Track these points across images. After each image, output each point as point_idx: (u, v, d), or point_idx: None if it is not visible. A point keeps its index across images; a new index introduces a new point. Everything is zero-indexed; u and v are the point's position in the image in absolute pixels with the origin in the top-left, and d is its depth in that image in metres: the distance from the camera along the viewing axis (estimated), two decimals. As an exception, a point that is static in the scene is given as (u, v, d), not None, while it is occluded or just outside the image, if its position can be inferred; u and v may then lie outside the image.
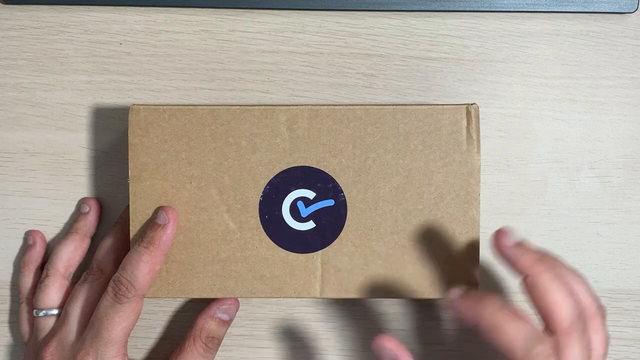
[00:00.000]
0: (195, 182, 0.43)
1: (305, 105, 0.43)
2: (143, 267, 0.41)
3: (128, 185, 0.43)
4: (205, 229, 0.43)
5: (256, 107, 0.43)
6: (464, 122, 0.43)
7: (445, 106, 0.43)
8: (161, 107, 0.43)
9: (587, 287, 0.37)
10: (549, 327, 0.35)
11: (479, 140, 0.43)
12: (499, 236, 0.37)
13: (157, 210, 0.43)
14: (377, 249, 0.43)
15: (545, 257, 0.37)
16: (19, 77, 0.48)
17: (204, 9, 0.48)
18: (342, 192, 0.43)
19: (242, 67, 0.48)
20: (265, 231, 0.43)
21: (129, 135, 0.43)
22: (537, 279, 0.35)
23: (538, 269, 0.35)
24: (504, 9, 0.48)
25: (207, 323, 0.44)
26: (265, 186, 0.43)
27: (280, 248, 0.43)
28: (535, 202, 0.48)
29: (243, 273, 0.43)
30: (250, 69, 0.48)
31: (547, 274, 0.35)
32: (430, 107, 0.43)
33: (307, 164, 0.43)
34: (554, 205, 0.48)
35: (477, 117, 0.42)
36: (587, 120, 0.49)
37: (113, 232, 0.46)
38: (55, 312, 0.45)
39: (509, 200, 0.48)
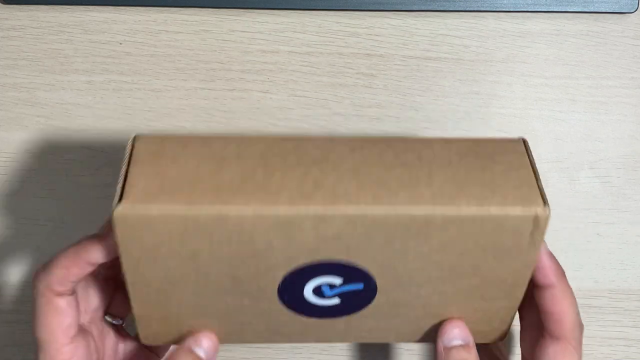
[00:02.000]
0: (203, 278, 0.35)
1: (337, 206, 0.32)
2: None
3: None
4: (213, 304, 0.36)
5: (273, 215, 0.32)
6: (529, 230, 0.33)
7: (509, 215, 0.33)
8: (150, 210, 0.32)
9: None
10: (555, 333, 0.37)
11: (542, 242, 0.34)
12: None
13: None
14: (406, 318, 0.38)
15: (561, 270, 0.38)
16: (19, 77, 0.48)
17: (204, 9, 0.48)
18: (374, 279, 0.35)
19: (242, 67, 0.48)
20: (284, 305, 0.36)
21: (119, 246, 0.33)
22: (562, 286, 0.37)
23: (564, 279, 0.38)
24: (504, 9, 0.47)
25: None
26: (285, 276, 0.35)
27: (299, 315, 0.37)
28: (535, 202, 0.48)
29: (259, 331, 0.38)
30: (250, 69, 0.48)
31: (569, 285, 0.38)
32: (490, 215, 0.33)
33: (334, 258, 0.34)
34: (554, 205, 0.48)
35: (546, 223, 0.33)
36: (587, 120, 0.49)
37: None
38: None
39: (509, 200, 0.48)
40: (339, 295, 0.36)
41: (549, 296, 0.37)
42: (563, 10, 0.48)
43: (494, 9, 0.47)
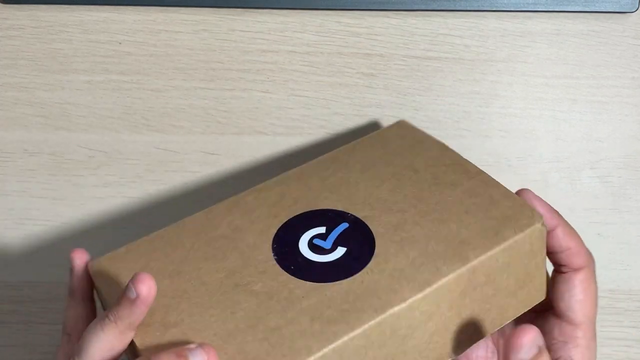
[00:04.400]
0: (196, 280, 0.36)
1: (264, 183, 0.41)
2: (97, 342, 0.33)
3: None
4: (236, 316, 0.34)
5: (218, 205, 0.40)
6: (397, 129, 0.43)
7: (380, 131, 0.44)
8: (120, 249, 0.38)
9: None
10: (575, 265, 0.39)
11: (425, 134, 0.43)
12: (524, 193, 0.40)
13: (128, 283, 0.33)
14: (422, 234, 0.37)
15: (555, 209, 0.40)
16: (18, 77, 0.48)
17: (204, 9, 0.48)
18: (349, 213, 0.39)
19: (242, 67, 0.48)
20: (300, 278, 0.36)
21: (96, 287, 0.37)
22: (564, 222, 0.39)
23: (561, 217, 0.40)
24: (504, 9, 0.47)
25: None
26: (273, 246, 0.38)
27: (327, 283, 0.35)
28: (535, 202, 0.48)
29: (306, 327, 0.33)
30: (250, 69, 0.48)
31: (566, 220, 0.40)
32: (368, 136, 0.44)
33: (300, 212, 0.40)
34: (555, 205, 0.48)
35: (409, 125, 0.43)
36: (588, 120, 0.48)
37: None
38: None
39: (509, 200, 0.48)
40: (337, 242, 0.38)
41: (560, 235, 0.39)
42: (564, 10, 0.47)
43: (494, 9, 0.47)
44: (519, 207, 0.38)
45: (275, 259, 0.37)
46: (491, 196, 0.39)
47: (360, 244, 0.37)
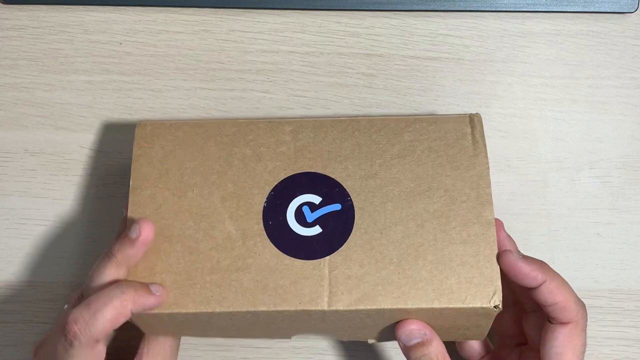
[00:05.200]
0: (198, 189, 0.42)
1: (310, 118, 0.43)
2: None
3: (127, 185, 0.43)
4: (205, 237, 0.41)
5: (262, 120, 0.43)
6: (469, 129, 0.42)
7: (448, 115, 0.43)
8: (168, 121, 0.43)
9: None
10: (562, 319, 0.39)
11: (485, 145, 0.42)
12: (505, 256, 0.39)
13: (131, 223, 0.40)
14: (388, 254, 0.40)
15: (542, 264, 0.40)
16: (19, 77, 0.48)
17: (204, 9, 0.48)
18: (349, 197, 0.41)
19: (242, 67, 0.48)
20: (268, 237, 0.40)
21: (133, 148, 0.42)
22: (551, 277, 0.39)
23: (549, 270, 0.39)
24: (504, 9, 0.48)
25: None
26: (270, 192, 0.41)
27: (284, 255, 0.40)
28: (535, 202, 0.48)
29: (244, 283, 0.39)
30: (250, 69, 0.48)
31: (556, 273, 0.40)
32: (433, 116, 0.43)
33: (312, 170, 0.42)
34: (554, 205, 0.48)
35: (481, 124, 0.42)
36: (588, 120, 0.49)
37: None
38: None
39: (509, 200, 0.48)
40: (320, 220, 0.41)
41: (545, 291, 0.39)
42: (563, 10, 0.48)
43: (494, 9, 0.47)
44: (488, 279, 0.39)
45: (264, 207, 0.41)
46: (477, 253, 0.39)
47: (335, 233, 0.40)
